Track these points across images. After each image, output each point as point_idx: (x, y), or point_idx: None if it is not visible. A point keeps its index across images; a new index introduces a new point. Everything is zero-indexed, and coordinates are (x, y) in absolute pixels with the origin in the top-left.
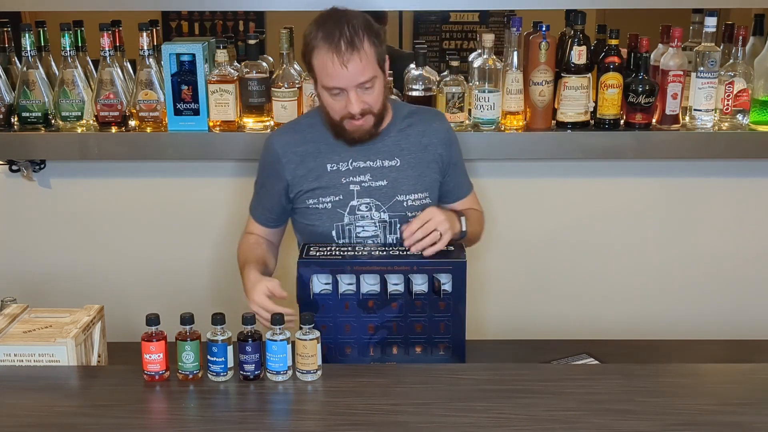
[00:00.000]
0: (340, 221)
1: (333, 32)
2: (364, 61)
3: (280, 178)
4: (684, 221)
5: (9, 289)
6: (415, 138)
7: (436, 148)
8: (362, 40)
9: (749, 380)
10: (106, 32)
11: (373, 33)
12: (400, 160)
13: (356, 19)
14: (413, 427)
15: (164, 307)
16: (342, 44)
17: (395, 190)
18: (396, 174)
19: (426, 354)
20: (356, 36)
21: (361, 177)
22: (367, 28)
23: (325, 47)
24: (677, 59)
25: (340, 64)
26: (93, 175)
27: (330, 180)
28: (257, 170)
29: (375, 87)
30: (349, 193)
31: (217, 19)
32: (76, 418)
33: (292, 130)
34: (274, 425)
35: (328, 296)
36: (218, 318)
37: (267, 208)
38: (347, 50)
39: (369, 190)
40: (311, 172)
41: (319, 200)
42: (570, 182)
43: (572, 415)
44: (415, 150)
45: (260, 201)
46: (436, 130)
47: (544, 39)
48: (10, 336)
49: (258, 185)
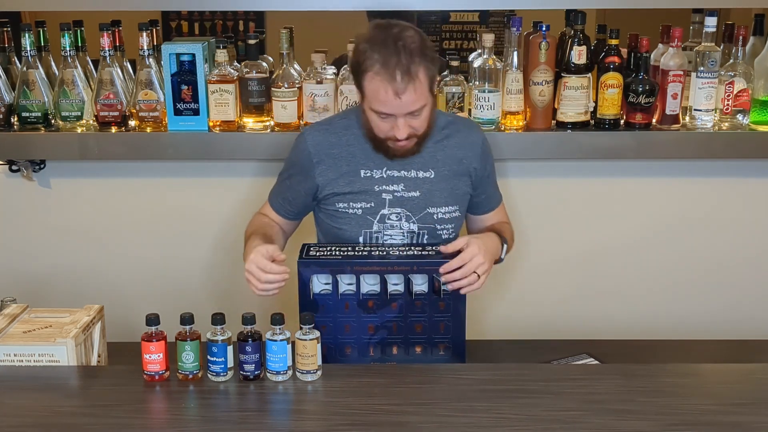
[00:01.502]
0: (368, 228)
1: (389, 59)
2: (418, 92)
3: (310, 178)
4: (684, 221)
5: (9, 289)
6: (451, 150)
7: (471, 162)
8: (418, 68)
9: (749, 380)
10: (106, 32)
11: (428, 58)
12: (434, 172)
13: (413, 42)
14: (413, 427)
15: (164, 307)
16: (398, 75)
17: (427, 202)
18: (429, 186)
19: (426, 354)
20: (412, 64)
21: (394, 186)
22: (422, 52)
23: (380, 75)
24: (677, 59)
25: (393, 94)
26: (93, 175)
27: (363, 186)
28: (285, 162)
29: (423, 113)
30: (381, 201)
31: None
32: (76, 418)
33: (326, 130)
34: (274, 425)
35: (328, 296)
36: (218, 318)
37: (288, 200)
38: (402, 81)
39: (401, 200)
40: (344, 176)
41: (350, 205)
42: (570, 182)
43: (572, 415)
44: (450, 163)
45: (282, 192)
46: (472, 143)
47: (544, 39)
48: (10, 336)
49: (283, 177)
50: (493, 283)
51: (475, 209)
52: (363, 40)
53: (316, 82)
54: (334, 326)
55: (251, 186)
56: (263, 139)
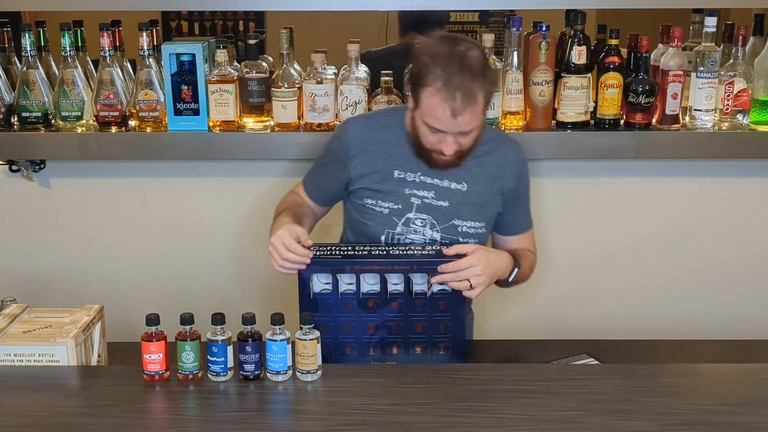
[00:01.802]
0: (392, 229)
1: (452, 78)
2: (475, 113)
3: (344, 169)
4: (684, 221)
5: (9, 289)
6: (488, 167)
7: (506, 181)
8: (478, 91)
9: (749, 380)
10: (106, 32)
11: (488, 79)
12: (467, 185)
13: (477, 62)
14: (413, 427)
15: (164, 307)
16: (458, 96)
17: (454, 214)
18: (460, 198)
19: (426, 354)
20: (474, 86)
21: (424, 192)
22: (483, 73)
23: (441, 93)
24: (677, 59)
25: (451, 114)
26: (93, 175)
27: (393, 187)
28: (323, 148)
29: (474, 132)
30: (408, 204)
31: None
32: (76, 418)
33: (368, 125)
34: (274, 425)
35: (328, 296)
36: (218, 318)
37: (321, 187)
38: (462, 103)
39: (429, 207)
40: (377, 173)
41: (378, 203)
42: (570, 182)
43: (572, 415)
44: (485, 179)
45: (317, 178)
46: (511, 163)
47: (544, 39)
48: (10, 336)
49: (319, 163)
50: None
51: (500, 228)
52: (427, 52)
53: (316, 82)
54: (334, 326)
55: (251, 186)
56: (263, 139)
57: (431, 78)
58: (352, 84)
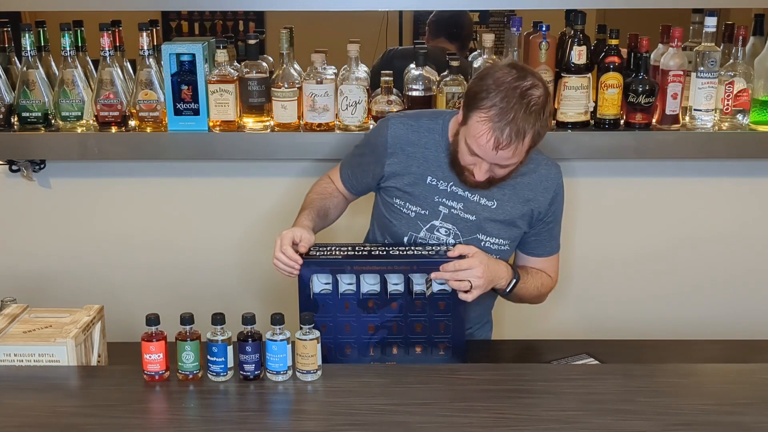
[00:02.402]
0: (416, 232)
1: (507, 112)
2: (517, 151)
3: (379, 165)
4: (684, 221)
5: (9, 289)
6: (521, 189)
7: (537, 205)
8: (529, 131)
9: (749, 380)
10: (106, 32)
11: (542, 122)
12: (497, 204)
13: (537, 104)
14: (413, 427)
15: (164, 307)
16: (507, 130)
17: (480, 229)
18: (488, 215)
19: (426, 354)
20: (526, 125)
21: (453, 203)
22: (539, 114)
23: (491, 122)
24: (677, 59)
25: (494, 146)
26: (93, 175)
27: (423, 192)
28: (363, 138)
29: (511, 167)
30: (436, 212)
31: (217, 19)
32: (76, 418)
33: (410, 127)
34: (274, 425)
35: (328, 296)
36: (218, 318)
37: (355, 176)
38: (507, 138)
39: (455, 218)
40: (409, 175)
41: (406, 205)
42: (570, 182)
43: (572, 415)
44: (516, 201)
45: (352, 166)
46: (545, 189)
47: (544, 39)
48: (10, 336)
49: (357, 154)
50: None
51: (522, 246)
52: (492, 76)
53: (316, 82)
54: (334, 326)
55: (252, 186)
56: (263, 139)
57: (488, 104)
58: (352, 84)
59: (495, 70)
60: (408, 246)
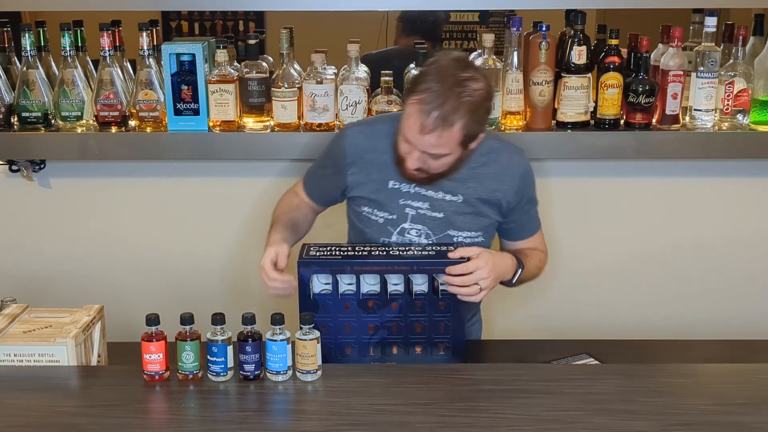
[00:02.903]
0: (387, 237)
1: (437, 98)
2: (444, 139)
3: (341, 176)
4: (684, 221)
5: (9, 289)
6: (485, 180)
7: (504, 195)
8: (458, 121)
9: (749, 380)
10: (106, 32)
11: (476, 117)
12: (463, 198)
13: (471, 96)
14: (413, 427)
15: (164, 307)
16: (433, 115)
17: (449, 225)
18: (455, 209)
19: (426, 354)
20: (455, 114)
21: (419, 203)
22: (473, 109)
23: (419, 105)
24: (677, 59)
25: (419, 130)
26: (93, 175)
27: (387, 197)
28: (324, 151)
29: (443, 160)
30: (403, 215)
31: (217, 19)
32: (76, 418)
33: (366, 134)
34: (274, 425)
35: (328, 296)
36: (218, 318)
37: (320, 188)
38: (433, 123)
39: (424, 218)
40: (372, 182)
41: (373, 212)
42: (570, 182)
43: (572, 415)
44: (482, 192)
45: (316, 178)
46: (511, 176)
47: (544, 39)
48: (10, 336)
49: (319, 166)
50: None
51: (505, 235)
52: (435, 63)
53: (316, 82)
54: (334, 326)
55: (251, 186)
56: (263, 139)
57: (421, 87)
58: (352, 84)
59: (439, 60)
60: (408, 246)
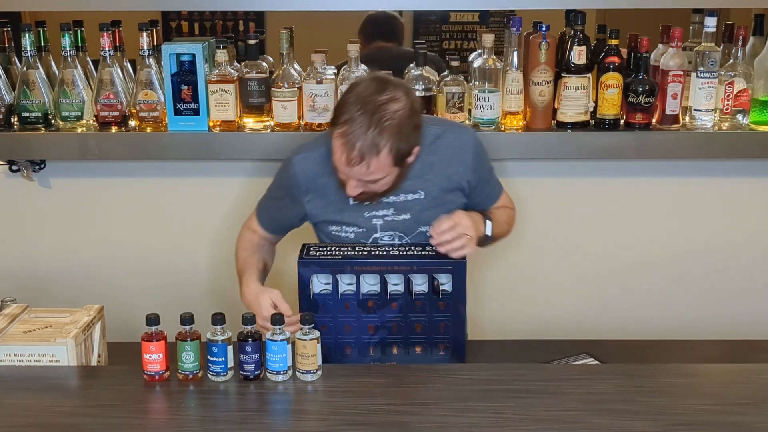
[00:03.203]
0: None
1: (358, 129)
2: (373, 167)
3: (298, 204)
4: (684, 221)
5: (9, 289)
6: (440, 168)
7: (462, 177)
8: (384, 146)
9: (749, 380)
10: (106, 32)
11: (402, 136)
12: (424, 193)
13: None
14: (413, 427)
15: (164, 307)
16: (358, 147)
17: (418, 223)
18: (420, 206)
19: (426, 354)
20: (380, 140)
21: (384, 211)
22: (397, 130)
23: (343, 138)
24: (677, 59)
25: (346, 162)
26: (93, 175)
27: (351, 214)
28: (274, 182)
29: (380, 182)
30: (372, 226)
31: (217, 19)
32: (76, 418)
33: (314, 159)
34: (274, 425)
35: (328, 296)
36: (218, 318)
37: (276, 219)
38: (358, 155)
39: (392, 223)
40: (332, 204)
41: (342, 229)
42: (570, 182)
43: (572, 415)
44: (440, 180)
45: (270, 211)
46: (462, 157)
47: (544, 39)
48: (10, 336)
49: (272, 198)
50: (493, 283)
51: (473, 208)
52: (354, 89)
53: (316, 82)
54: (334, 326)
55: (251, 186)
56: (263, 139)
57: (343, 118)
58: None
59: (358, 85)
60: (408, 246)
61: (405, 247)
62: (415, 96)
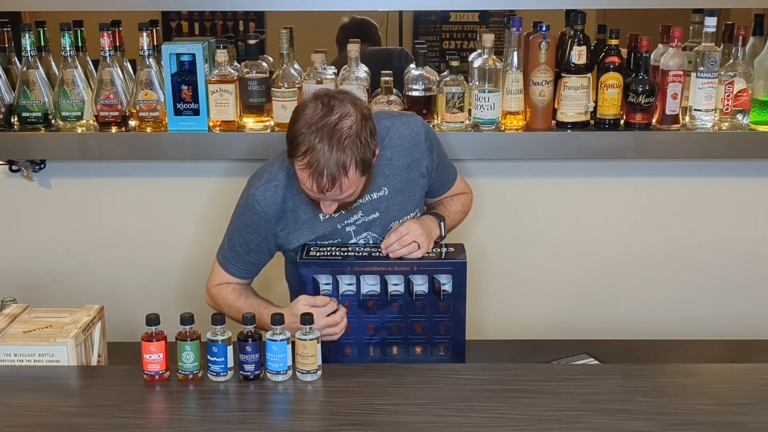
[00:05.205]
0: None
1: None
2: (345, 185)
3: (272, 236)
4: (684, 221)
5: (9, 289)
6: (398, 160)
7: (420, 163)
8: (350, 163)
9: (749, 380)
10: (106, 32)
11: (362, 145)
12: (388, 189)
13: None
14: (413, 427)
15: (164, 307)
16: (326, 173)
17: (388, 218)
18: (386, 203)
19: (426, 354)
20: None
21: (354, 217)
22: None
23: (309, 169)
24: (677, 59)
25: (318, 191)
26: (93, 175)
27: (325, 228)
28: (236, 227)
29: (354, 194)
30: (346, 234)
31: (217, 19)
32: (76, 418)
33: (275, 188)
34: (274, 425)
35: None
36: (218, 318)
37: (248, 264)
38: (329, 180)
39: (365, 225)
40: (305, 225)
41: (319, 246)
42: (570, 182)
43: (572, 415)
44: (400, 173)
45: (240, 257)
46: (416, 144)
47: (544, 39)
48: (10, 336)
49: (239, 243)
50: (493, 283)
51: (431, 194)
52: (302, 117)
53: (316, 82)
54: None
55: None
56: (263, 139)
57: (302, 149)
58: (352, 84)
59: (303, 110)
60: None
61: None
62: (360, 100)
